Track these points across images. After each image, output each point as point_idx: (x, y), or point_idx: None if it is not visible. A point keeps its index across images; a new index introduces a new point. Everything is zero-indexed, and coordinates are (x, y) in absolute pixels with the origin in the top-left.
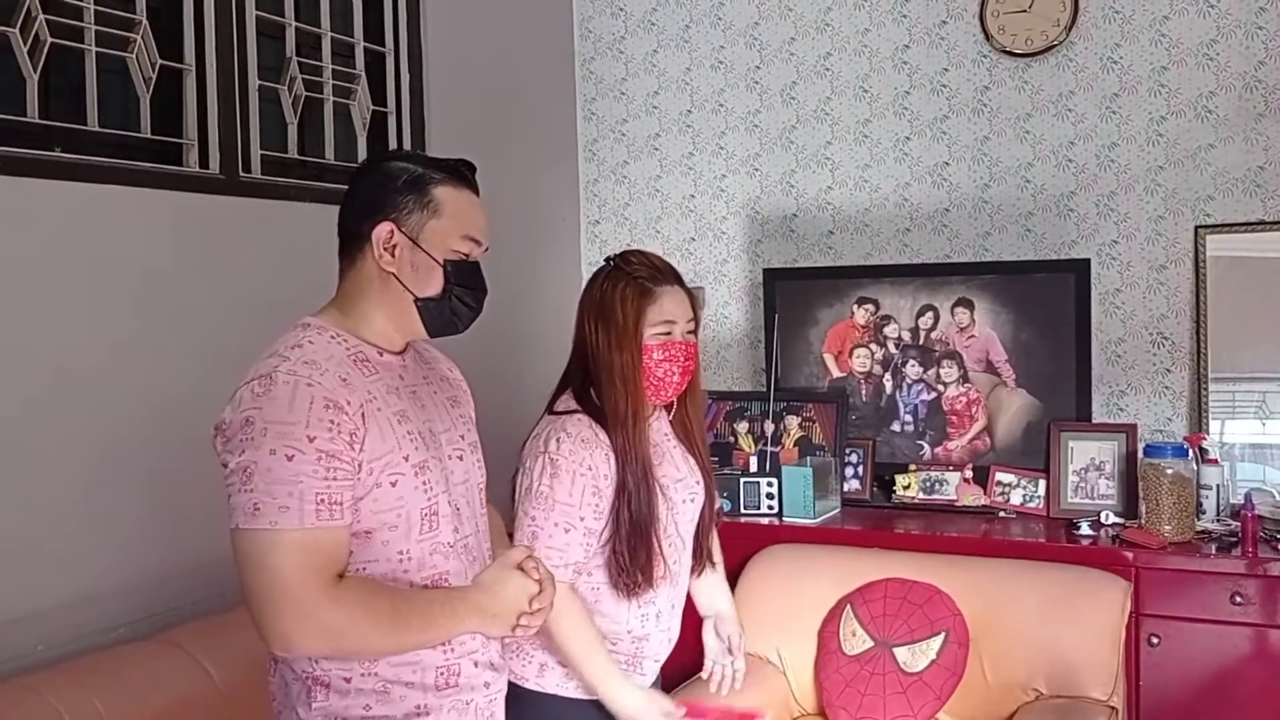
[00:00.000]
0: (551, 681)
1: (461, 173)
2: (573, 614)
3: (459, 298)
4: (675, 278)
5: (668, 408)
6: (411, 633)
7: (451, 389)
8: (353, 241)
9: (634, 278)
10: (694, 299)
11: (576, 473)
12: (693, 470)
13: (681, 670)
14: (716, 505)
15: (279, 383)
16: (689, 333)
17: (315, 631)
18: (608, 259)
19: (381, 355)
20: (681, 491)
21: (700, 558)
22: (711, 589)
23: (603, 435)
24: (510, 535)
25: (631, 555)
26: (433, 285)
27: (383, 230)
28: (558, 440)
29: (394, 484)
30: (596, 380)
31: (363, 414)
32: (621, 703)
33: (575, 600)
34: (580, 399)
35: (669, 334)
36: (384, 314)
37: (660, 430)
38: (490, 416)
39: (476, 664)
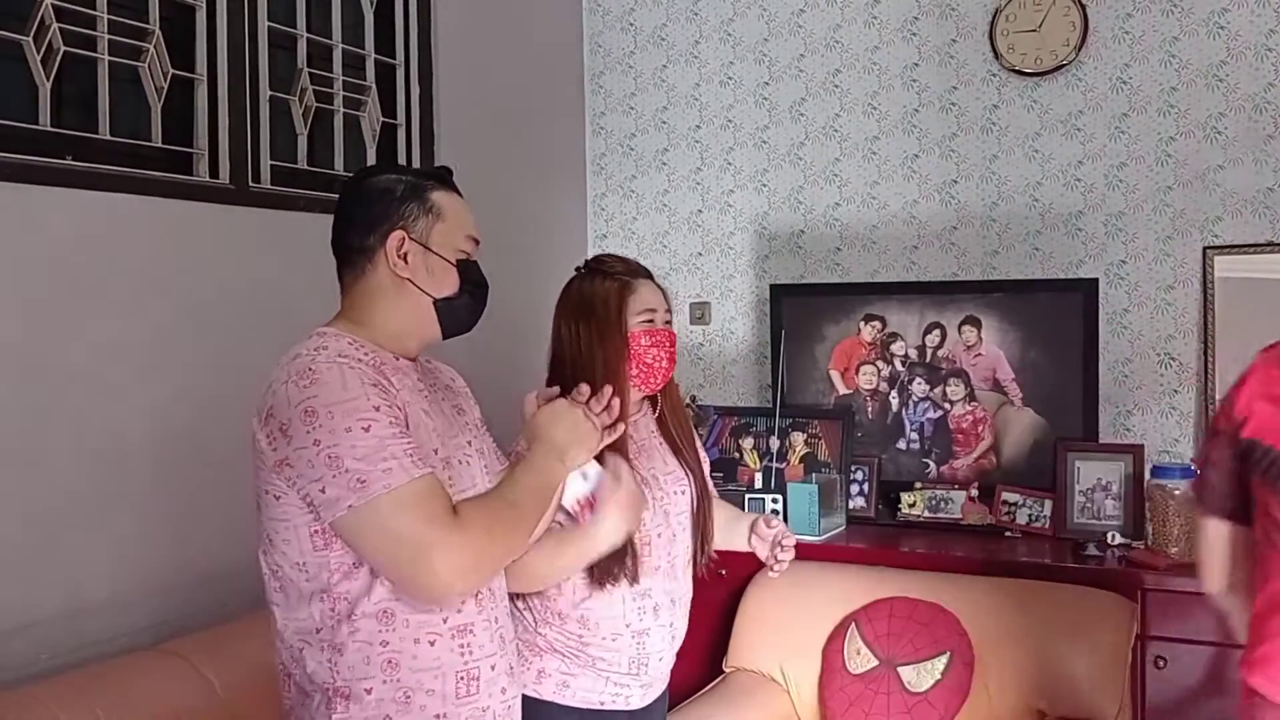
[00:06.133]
0: (548, 689)
1: (445, 178)
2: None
3: (471, 294)
4: (648, 273)
5: (651, 404)
6: (530, 510)
7: (455, 397)
8: (358, 255)
9: (610, 274)
10: (666, 293)
11: None
12: (680, 464)
13: (688, 684)
14: (712, 501)
15: (322, 370)
16: (667, 322)
17: (468, 564)
18: (579, 266)
19: (397, 360)
20: (672, 483)
21: (703, 553)
22: (728, 531)
23: None
24: None
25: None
26: (448, 285)
27: (395, 239)
28: (526, 439)
29: None
30: (583, 378)
31: (399, 399)
32: (602, 540)
33: None
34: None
35: (652, 321)
36: (401, 320)
37: (647, 428)
38: (498, 432)
39: (494, 668)
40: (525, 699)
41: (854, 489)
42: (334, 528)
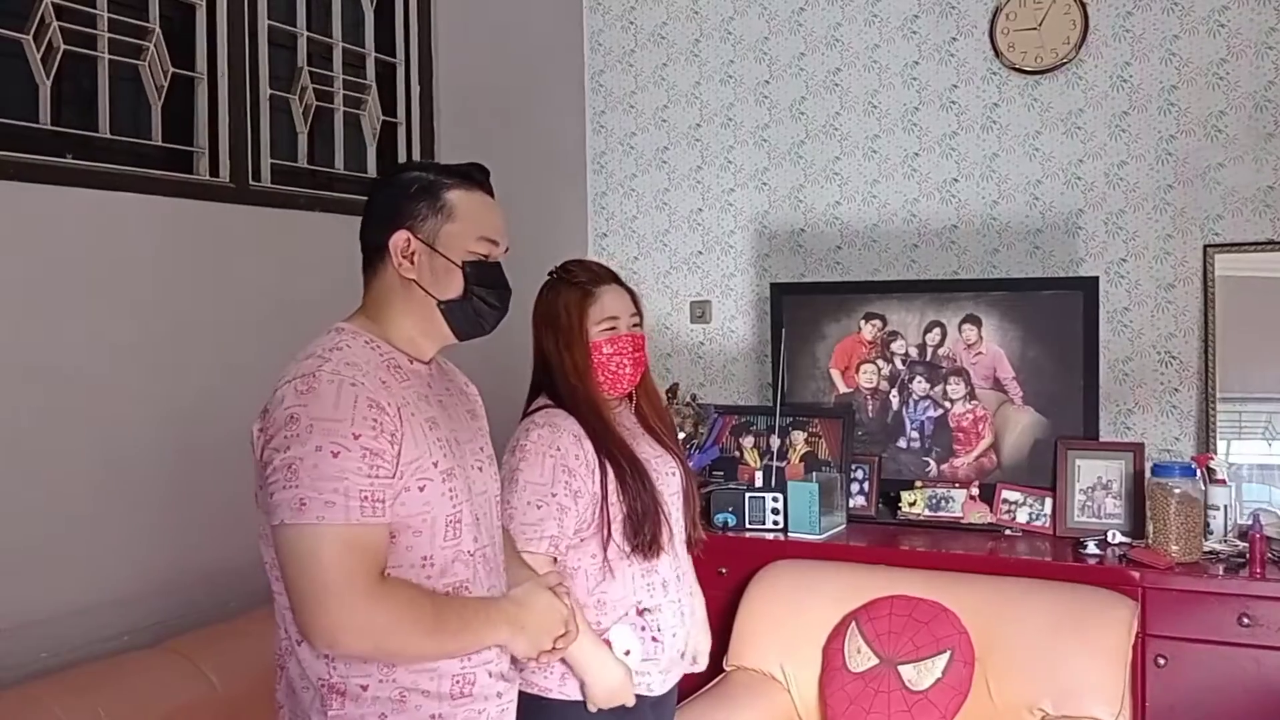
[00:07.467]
0: (573, 688)
1: (473, 176)
2: None
3: (480, 298)
4: (613, 278)
5: (629, 398)
6: (449, 636)
7: (469, 402)
8: (374, 253)
9: (573, 283)
10: (635, 295)
11: (545, 454)
12: (665, 450)
13: (689, 683)
14: (695, 479)
15: (323, 381)
16: (634, 326)
17: (361, 629)
18: (550, 271)
19: (411, 363)
20: (662, 465)
21: (696, 528)
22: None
23: (571, 422)
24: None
25: (642, 523)
26: (453, 288)
27: (399, 239)
28: (526, 430)
29: (422, 489)
30: (554, 381)
31: (400, 416)
32: (605, 675)
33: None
34: (554, 398)
35: (614, 329)
36: (411, 321)
37: (630, 418)
38: (498, 426)
39: (491, 674)
40: (552, 703)
41: (854, 488)
42: (270, 534)
